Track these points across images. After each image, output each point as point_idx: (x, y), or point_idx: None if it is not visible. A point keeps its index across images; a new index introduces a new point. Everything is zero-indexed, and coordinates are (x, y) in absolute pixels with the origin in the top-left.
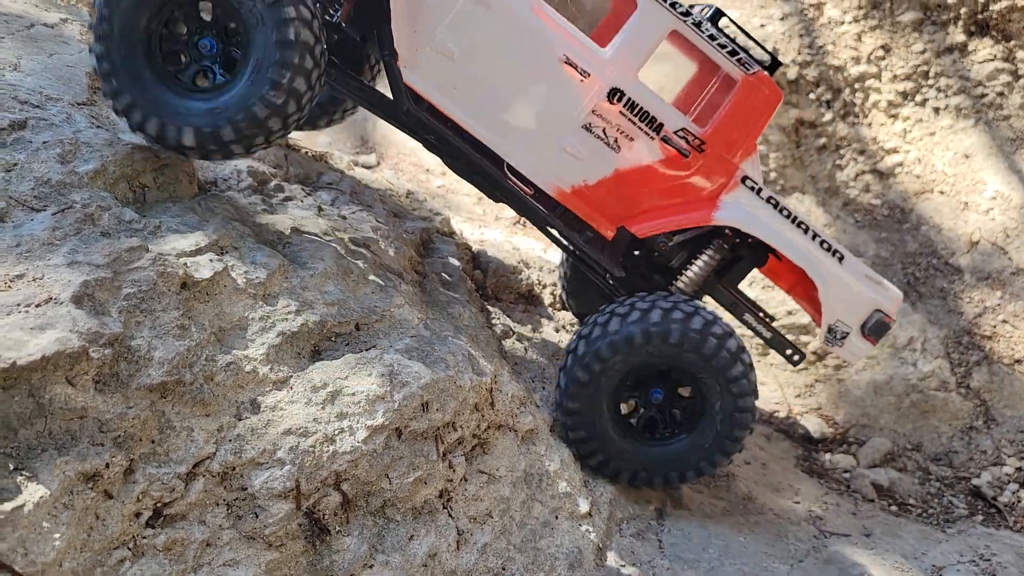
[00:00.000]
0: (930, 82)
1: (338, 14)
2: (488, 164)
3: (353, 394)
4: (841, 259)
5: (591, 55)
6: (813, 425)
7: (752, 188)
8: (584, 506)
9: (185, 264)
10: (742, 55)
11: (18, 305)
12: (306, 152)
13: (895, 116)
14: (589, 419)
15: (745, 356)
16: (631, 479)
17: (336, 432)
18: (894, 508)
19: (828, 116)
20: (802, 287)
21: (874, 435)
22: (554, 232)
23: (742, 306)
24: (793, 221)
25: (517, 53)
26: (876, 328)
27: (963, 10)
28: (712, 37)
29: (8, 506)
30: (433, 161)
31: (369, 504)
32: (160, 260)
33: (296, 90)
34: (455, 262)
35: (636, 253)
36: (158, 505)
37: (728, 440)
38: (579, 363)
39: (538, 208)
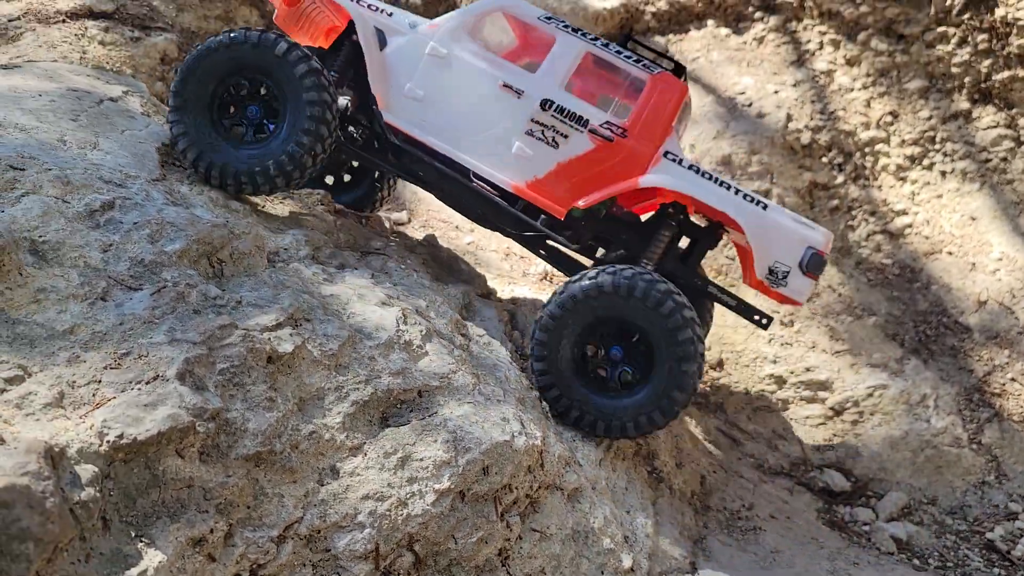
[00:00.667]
0: (937, 147)
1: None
2: (458, 175)
3: (421, 459)
4: (764, 207)
5: (523, 78)
6: (833, 479)
7: (674, 160)
8: (627, 562)
9: (269, 339)
10: (646, 61)
11: (130, 382)
12: (353, 216)
13: (904, 179)
14: (556, 369)
15: (695, 323)
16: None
17: (408, 496)
18: (915, 562)
19: (840, 179)
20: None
21: (891, 489)
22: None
23: (707, 282)
24: (715, 181)
25: (468, 87)
26: (813, 263)
27: (967, 79)
28: (619, 52)
29: (134, 572)
30: (461, 218)
31: (437, 563)
32: (248, 337)
33: (314, 148)
34: (496, 324)
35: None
36: (254, 567)
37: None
38: (546, 311)
39: (502, 204)
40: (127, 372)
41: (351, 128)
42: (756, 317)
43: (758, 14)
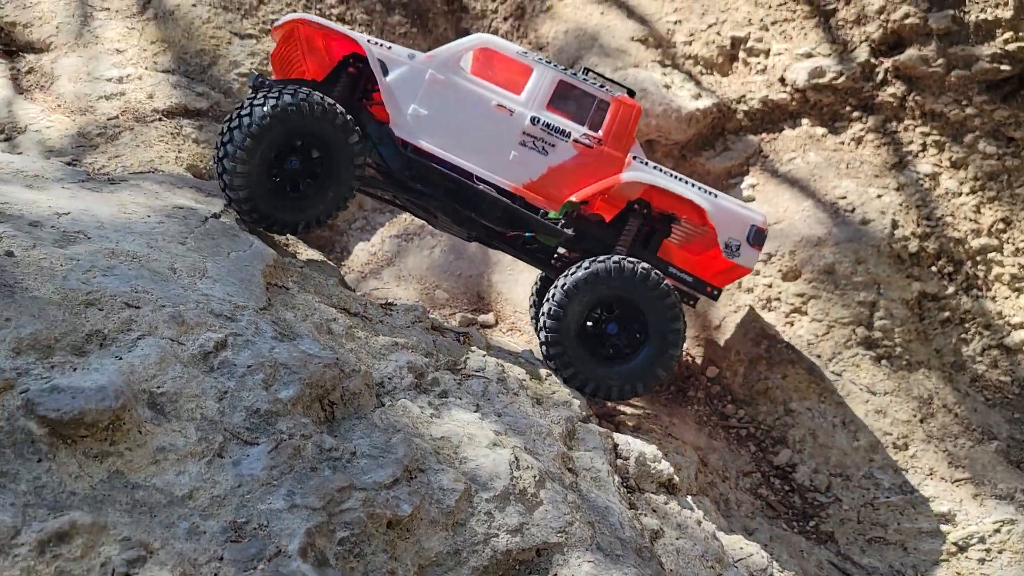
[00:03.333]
0: None
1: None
2: (462, 178)
3: None
4: (715, 196)
5: (512, 100)
6: None
7: (642, 162)
8: None
9: (388, 500)
10: (607, 86)
11: (252, 559)
12: (450, 332)
13: (1020, 290)
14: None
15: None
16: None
17: None
18: None
19: (951, 289)
20: (692, 259)
21: None
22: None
23: (665, 263)
24: (675, 177)
25: (467, 106)
26: (757, 237)
27: None
28: (584, 79)
29: None
30: None
31: None
32: (368, 501)
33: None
34: (601, 455)
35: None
36: None
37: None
38: (557, 301)
39: (504, 201)
40: (248, 547)
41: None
42: (708, 290)
43: (856, 114)
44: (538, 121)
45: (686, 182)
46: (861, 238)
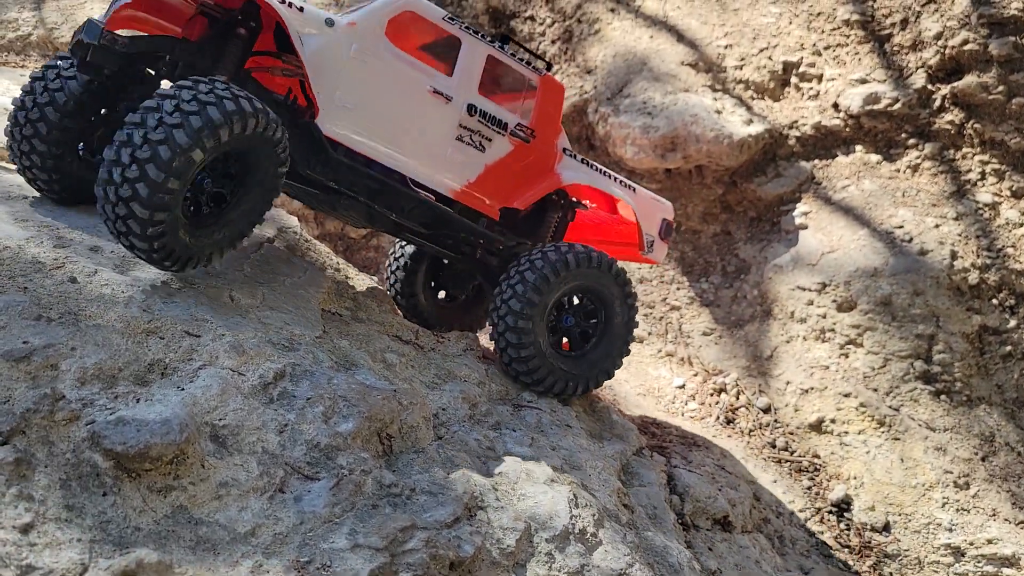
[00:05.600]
0: None
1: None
2: (395, 182)
3: None
4: (635, 190)
5: (446, 83)
6: None
7: (572, 156)
8: None
9: (449, 540)
10: (533, 64)
11: None
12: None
13: None
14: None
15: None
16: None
17: None
18: None
19: (1012, 323)
20: (603, 245)
21: None
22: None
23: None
24: (601, 172)
25: (398, 94)
26: (667, 231)
27: None
28: (513, 55)
29: None
30: None
31: None
32: (431, 542)
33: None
34: (657, 491)
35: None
36: None
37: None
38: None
39: (443, 209)
40: None
41: None
42: None
43: (912, 141)
44: (475, 110)
45: (610, 176)
46: (919, 269)
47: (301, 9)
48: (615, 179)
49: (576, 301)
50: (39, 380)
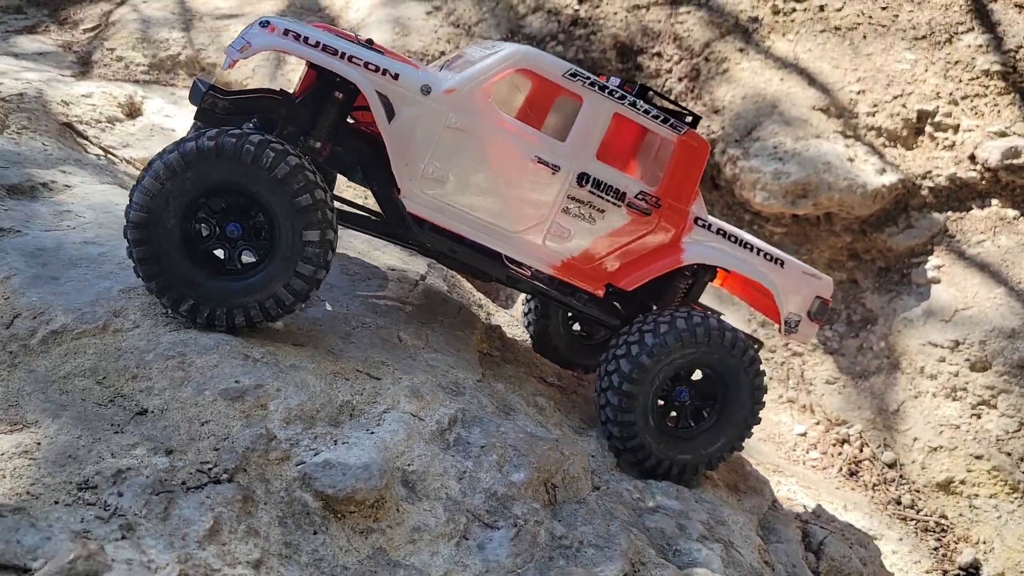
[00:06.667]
0: None
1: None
2: (488, 260)
3: None
4: (782, 264)
5: (555, 149)
6: None
7: (704, 226)
8: None
9: None
10: (672, 120)
11: None
12: None
13: None
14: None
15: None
16: None
17: None
18: None
19: None
20: (751, 293)
21: None
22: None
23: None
24: (741, 244)
25: (496, 164)
26: (820, 311)
27: None
28: (647, 112)
29: None
30: None
31: None
32: None
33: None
34: (795, 548)
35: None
36: None
37: None
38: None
39: (541, 286)
40: None
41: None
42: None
43: None
44: (587, 180)
45: (750, 248)
46: None
47: (396, 77)
48: (758, 251)
49: (697, 376)
50: (252, 419)
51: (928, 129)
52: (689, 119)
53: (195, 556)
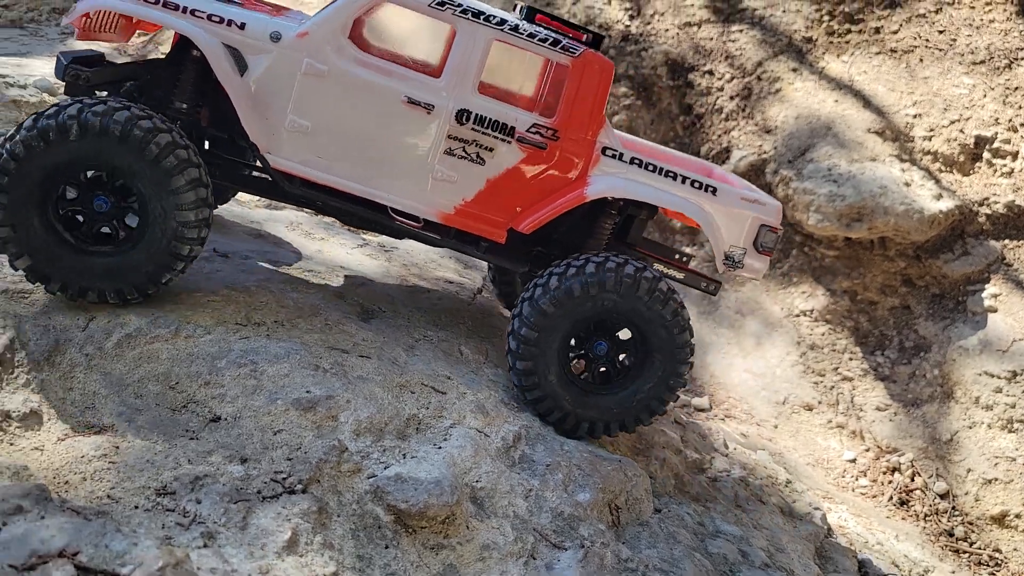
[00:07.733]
0: None
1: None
2: (373, 213)
3: None
4: (714, 192)
5: (428, 87)
6: None
7: (614, 155)
8: None
9: None
10: (564, 41)
11: None
12: (691, 428)
13: None
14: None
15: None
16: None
17: None
18: None
19: None
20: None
21: None
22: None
23: (651, 257)
24: (660, 172)
25: (364, 108)
26: (768, 241)
27: None
28: (532, 35)
29: None
30: (763, 410)
31: None
32: None
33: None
34: None
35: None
36: None
37: None
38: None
39: (432, 236)
40: None
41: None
42: (704, 285)
43: None
44: (467, 117)
45: (673, 176)
46: None
47: (243, 26)
48: (683, 179)
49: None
50: (323, 430)
51: (986, 155)
52: (587, 38)
53: (275, 567)
